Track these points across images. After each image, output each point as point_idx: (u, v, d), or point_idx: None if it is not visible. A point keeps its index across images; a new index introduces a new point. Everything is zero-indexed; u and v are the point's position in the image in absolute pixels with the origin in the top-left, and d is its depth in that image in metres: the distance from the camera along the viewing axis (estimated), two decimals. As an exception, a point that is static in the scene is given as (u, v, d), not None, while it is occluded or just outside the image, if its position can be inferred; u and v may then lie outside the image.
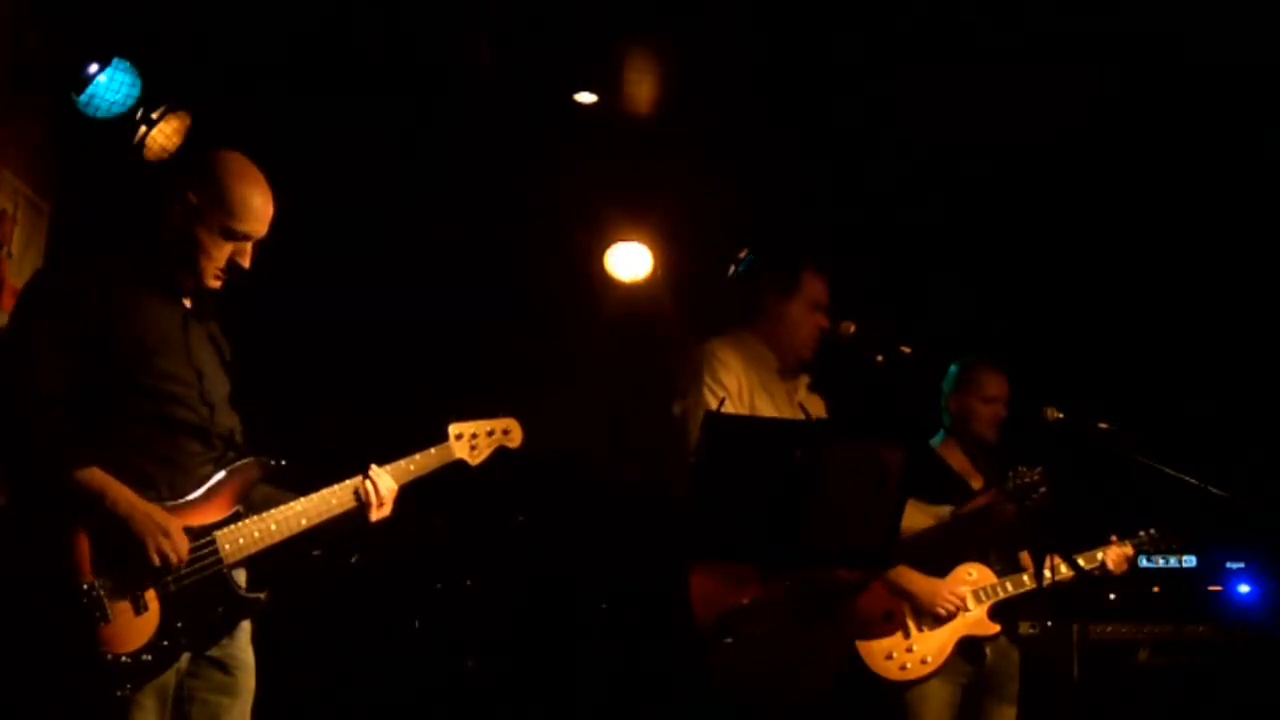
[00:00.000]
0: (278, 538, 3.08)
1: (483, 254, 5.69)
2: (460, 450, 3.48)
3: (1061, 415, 4.10)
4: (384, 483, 3.25)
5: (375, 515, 3.23)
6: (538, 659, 5.45)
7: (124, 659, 2.78)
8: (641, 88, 5.30)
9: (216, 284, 3.10)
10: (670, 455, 3.89)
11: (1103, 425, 4.08)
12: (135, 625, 2.81)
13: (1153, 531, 4.59)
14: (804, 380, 4.19)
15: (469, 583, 5.47)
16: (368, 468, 3.25)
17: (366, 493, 3.21)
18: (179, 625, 2.86)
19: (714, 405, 3.79)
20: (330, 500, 3.17)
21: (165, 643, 2.84)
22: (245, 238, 3.08)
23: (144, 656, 2.80)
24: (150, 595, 2.84)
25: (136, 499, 2.84)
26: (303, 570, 3.53)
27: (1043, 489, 4.16)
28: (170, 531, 2.85)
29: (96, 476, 2.81)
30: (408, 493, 3.32)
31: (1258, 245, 5.53)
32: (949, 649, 4.33)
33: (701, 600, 3.64)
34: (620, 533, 5.30)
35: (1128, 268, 5.73)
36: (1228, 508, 4.06)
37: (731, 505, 3.32)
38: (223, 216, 3.04)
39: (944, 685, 4.32)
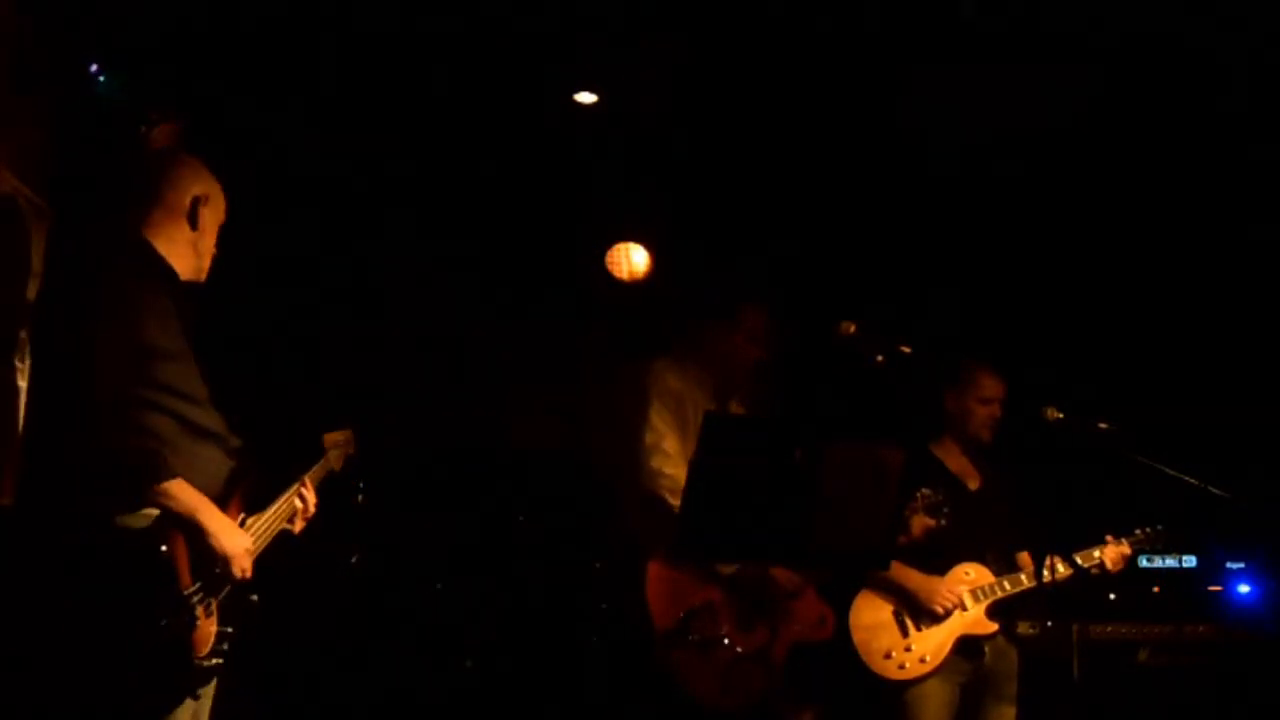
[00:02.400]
0: (265, 542, 3.17)
1: (482, 254, 5.69)
2: (335, 460, 3.62)
3: (1061, 415, 4.12)
4: (311, 497, 3.36)
5: (300, 526, 3.33)
6: (537, 659, 5.45)
7: (203, 663, 2.90)
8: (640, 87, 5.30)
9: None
10: (616, 467, 4.18)
11: (1103, 425, 4.09)
12: (205, 632, 2.91)
13: (1149, 530, 4.58)
14: (735, 403, 4.42)
15: (469, 583, 5.47)
16: (303, 479, 3.36)
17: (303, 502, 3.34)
18: (227, 631, 2.97)
19: (658, 422, 4.12)
20: (288, 507, 3.29)
21: (225, 646, 2.96)
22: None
23: (211, 661, 2.93)
24: (214, 604, 2.95)
25: (220, 514, 2.95)
26: (301, 571, 3.57)
27: (947, 509, 4.31)
28: (250, 550, 3.00)
29: (186, 489, 2.89)
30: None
31: (1257, 244, 5.53)
32: (947, 648, 4.33)
33: (657, 603, 3.77)
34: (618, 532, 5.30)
35: (1127, 266, 5.73)
36: (1228, 508, 4.07)
37: (730, 506, 3.33)
38: (221, 210, 3.26)
39: (943, 684, 4.33)
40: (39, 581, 2.82)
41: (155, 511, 2.86)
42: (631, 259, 5.96)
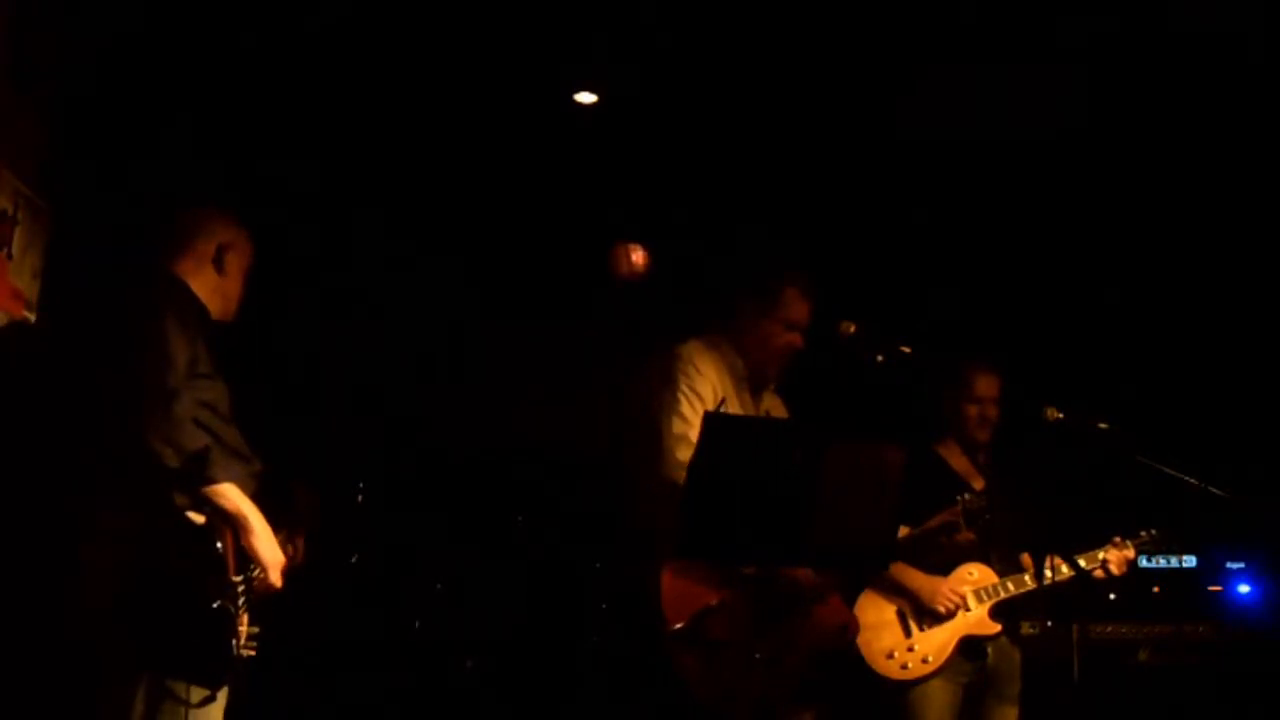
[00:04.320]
0: None
1: (482, 253, 5.69)
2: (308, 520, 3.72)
3: (1061, 415, 4.11)
4: (302, 547, 3.55)
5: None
6: (538, 659, 5.45)
7: (239, 653, 3.09)
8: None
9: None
10: (640, 457, 3.95)
11: (1103, 425, 4.08)
12: (241, 626, 3.12)
13: (1153, 531, 4.58)
14: (770, 388, 4.23)
15: (469, 583, 5.47)
16: (296, 529, 3.52)
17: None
18: (255, 630, 3.17)
19: (687, 411, 3.87)
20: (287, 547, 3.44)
21: (254, 643, 3.16)
22: None
23: (245, 653, 3.13)
24: (247, 601, 3.15)
25: (266, 523, 3.15)
26: (300, 571, 3.60)
27: (988, 515, 4.20)
28: (284, 564, 3.21)
29: (239, 492, 3.09)
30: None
31: (1257, 243, 5.53)
32: (950, 648, 4.33)
33: (671, 601, 3.70)
34: (619, 532, 5.29)
35: (1128, 266, 5.73)
36: (1228, 508, 4.07)
37: (730, 506, 3.33)
38: (248, 255, 3.50)
39: (945, 685, 4.32)
40: (104, 557, 2.99)
41: (201, 518, 3.05)
42: (631, 258, 5.96)
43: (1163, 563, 5.37)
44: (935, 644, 4.33)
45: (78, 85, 4.36)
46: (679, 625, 3.67)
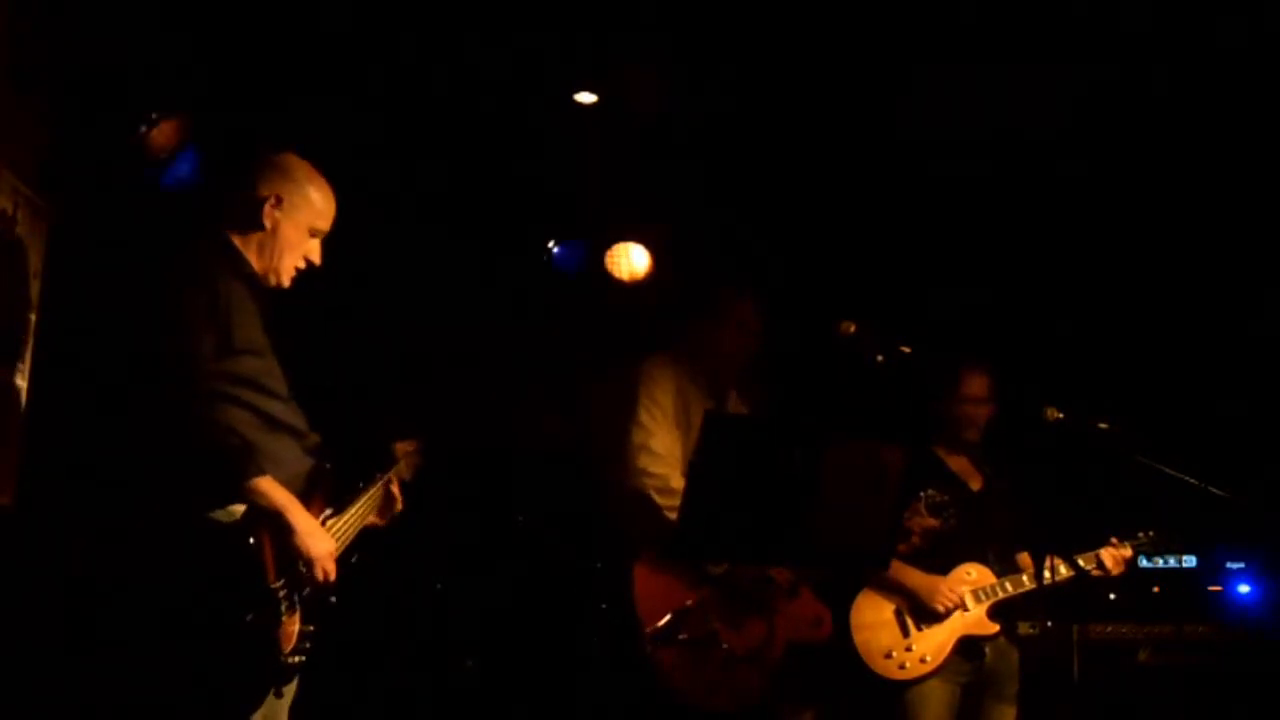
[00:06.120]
0: (346, 544, 3.16)
1: (482, 253, 5.68)
2: (405, 469, 3.58)
3: (1061, 415, 4.12)
4: (398, 493, 3.40)
5: (385, 521, 3.38)
6: (537, 659, 5.45)
7: (287, 660, 2.89)
8: (640, 87, 5.30)
9: (289, 281, 3.20)
10: (609, 464, 4.24)
11: (1103, 425, 4.09)
12: (290, 629, 2.90)
13: (1151, 532, 4.59)
14: (732, 395, 4.48)
15: (469, 583, 5.47)
16: (389, 476, 3.39)
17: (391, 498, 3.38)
18: (309, 629, 2.97)
19: (647, 421, 4.19)
20: (372, 503, 3.32)
21: (307, 644, 2.95)
22: (320, 234, 3.23)
23: (294, 658, 2.92)
24: (297, 601, 2.94)
25: (307, 514, 2.93)
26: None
27: (952, 510, 4.30)
28: (332, 553, 2.99)
29: (275, 487, 2.88)
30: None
31: (1257, 243, 5.53)
32: (948, 648, 4.33)
33: (646, 602, 3.78)
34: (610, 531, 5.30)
35: (1128, 266, 5.73)
36: (1228, 508, 4.07)
37: (730, 506, 3.34)
38: (311, 216, 3.18)
39: (943, 685, 4.33)
40: (127, 574, 2.86)
41: (242, 507, 2.85)
42: (631, 259, 5.96)
43: (1163, 563, 5.37)
44: (933, 644, 4.33)
45: (78, 85, 4.35)
46: (656, 626, 3.74)
